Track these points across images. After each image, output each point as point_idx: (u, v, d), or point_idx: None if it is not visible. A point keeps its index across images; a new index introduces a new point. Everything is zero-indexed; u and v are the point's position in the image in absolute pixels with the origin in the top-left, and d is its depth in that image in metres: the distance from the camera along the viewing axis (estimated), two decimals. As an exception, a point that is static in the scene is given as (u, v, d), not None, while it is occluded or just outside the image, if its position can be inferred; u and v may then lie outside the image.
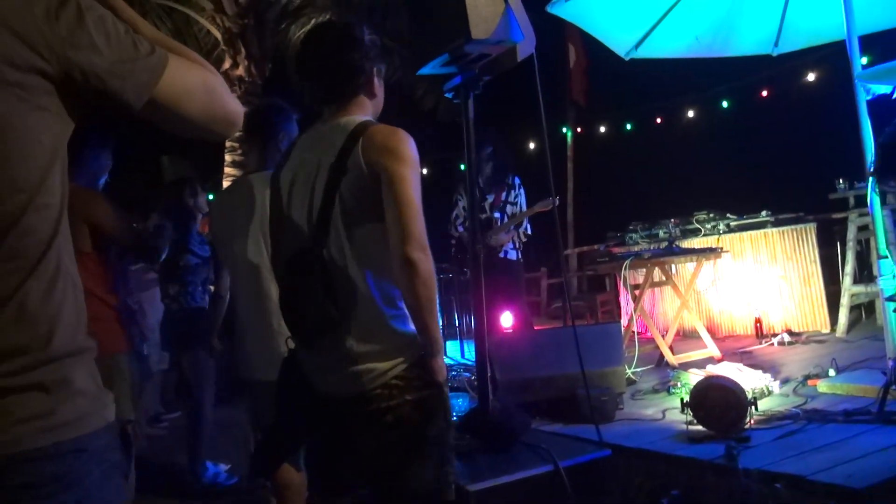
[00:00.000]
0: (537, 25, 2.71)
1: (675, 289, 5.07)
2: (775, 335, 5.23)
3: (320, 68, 1.74)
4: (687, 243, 5.85)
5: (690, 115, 10.76)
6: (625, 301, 6.23)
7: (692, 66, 5.33)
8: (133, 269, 4.26)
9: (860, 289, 5.12)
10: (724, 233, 5.91)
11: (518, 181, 5.05)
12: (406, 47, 7.31)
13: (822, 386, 3.52)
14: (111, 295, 3.01)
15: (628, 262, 4.75)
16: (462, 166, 3.42)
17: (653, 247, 5.73)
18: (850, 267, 5.12)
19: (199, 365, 3.92)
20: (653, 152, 11.05)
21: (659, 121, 11.25)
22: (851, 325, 5.24)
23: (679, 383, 3.73)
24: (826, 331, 5.39)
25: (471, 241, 2.99)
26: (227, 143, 7.51)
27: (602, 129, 11.58)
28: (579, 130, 10.75)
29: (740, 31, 4.81)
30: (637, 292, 4.98)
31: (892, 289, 3.25)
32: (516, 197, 5.01)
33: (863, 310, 5.70)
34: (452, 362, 5.84)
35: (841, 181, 5.43)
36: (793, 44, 4.91)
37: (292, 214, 1.73)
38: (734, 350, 4.96)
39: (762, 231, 5.77)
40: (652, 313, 6.03)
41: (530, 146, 10.98)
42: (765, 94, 10.00)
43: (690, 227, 6.11)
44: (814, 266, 5.54)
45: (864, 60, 3.97)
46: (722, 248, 5.27)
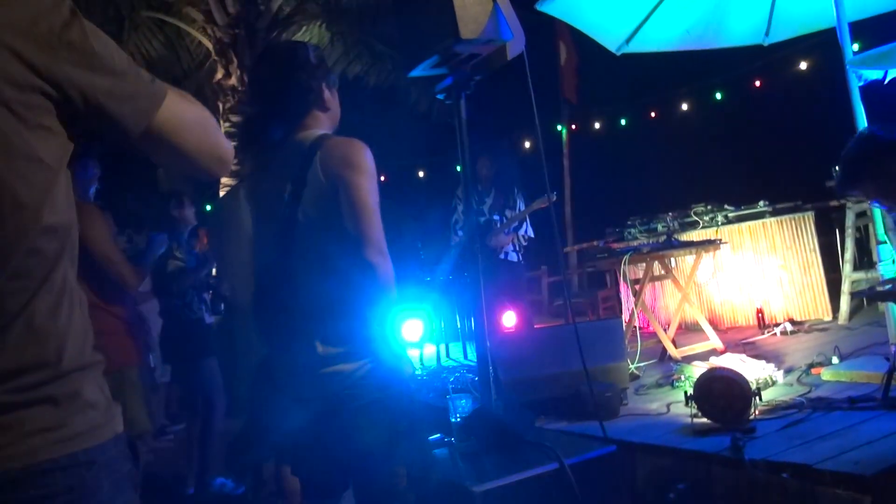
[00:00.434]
0: (527, 24, 2.70)
1: (676, 282, 5.06)
2: (777, 325, 5.21)
3: (271, 92, 1.85)
4: (686, 236, 5.84)
5: (684, 108, 10.77)
6: (625, 296, 6.21)
7: (684, 59, 5.33)
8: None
9: (860, 275, 5.10)
10: (723, 224, 5.90)
11: (516, 190, 5.05)
12: (397, 51, 7.33)
13: (825, 374, 3.51)
14: (118, 306, 3.01)
15: (627, 257, 4.74)
16: (458, 167, 3.41)
17: (652, 241, 5.72)
18: (849, 254, 5.11)
19: (209, 377, 3.94)
20: (648, 146, 11.05)
21: (653, 115, 11.27)
22: (853, 313, 5.23)
23: (683, 376, 3.71)
24: (828, 319, 5.38)
25: (468, 241, 2.98)
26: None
27: (597, 126, 11.60)
28: (574, 127, 10.75)
29: (730, 22, 4.81)
30: (637, 287, 4.96)
31: (891, 273, 3.24)
32: (514, 202, 5.01)
33: (865, 290, 5.68)
34: (455, 364, 5.83)
35: (837, 169, 5.40)
36: (784, 33, 4.90)
37: (261, 229, 1.83)
38: (737, 341, 4.95)
39: (760, 221, 5.76)
40: (653, 307, 6.02)
41: (525, 145, 10.98)
42: (758, 84, 10.01)
43: (689, 220, 6.10)
44: (813, 254, 5.53)
45: (856, 47, 3.97)
46: (721, 239, 5.26)
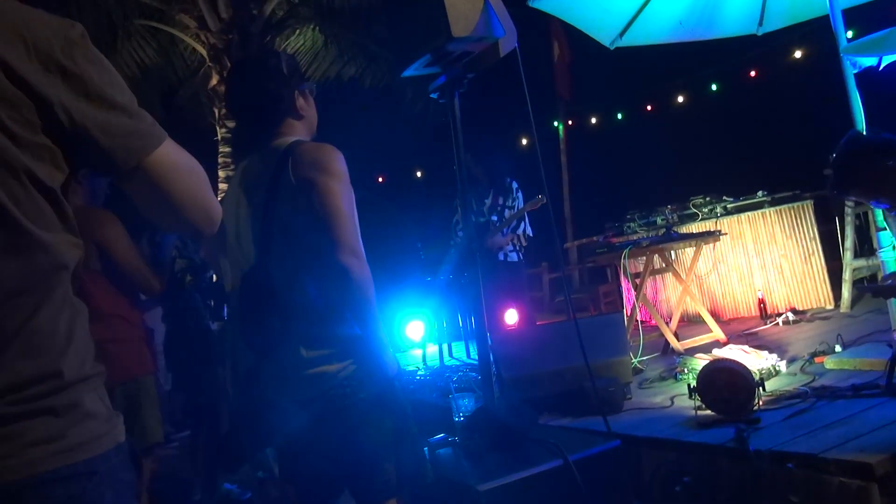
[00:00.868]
0: (519, 21, 2.69)
1: (676, 275, 5.05)
2: (780, 314, 5.21)
3: (244, 103, 1.90)
4: (685, 228, 5.84)
5: (680, 100, 10.77)
6: (626, 291, 6.21)
7: (678, 51, 5.33)
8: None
9: (861, 262, 5.09)
10: (722, 216, 5.89)
11: (516, 185, 5.03)
12: (391, 52, 7.32)
13: (829, 362, 3.50)
14: (135, 313, 2.97)
15: (627, 250, 4.73)
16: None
17: (651, 234, 5.72)
18: (849, 241, 5.09)
19: (214, 384, 3.93)
20: (645, 140, 11.05)
21: (649, 108, 11.27)
22: (855, 300, 5.22)
23: (686, 369, 3.71)
24: (830, 307, 5.37)
25: (467, 240, 2.97)
26: (220, 159, 7.51)
27: (593, 121, 11.60)
28: (570, 123, 10.75)
29: (723, 12, 4.80)
30: (638, 281, 4.95)
31: (892, 260, 3.23)
32: (514, 201, 4.99)
33: (866, 283, 5.67)
34: (458, 363, 5.83)
35: (835, 156, 5.39)
36: (777, 22, 4.89)
37: (240, 238, 1.85)
38: (739, 332, 4.94)
39: (760, 211, 5.76)
40: (654, 301, 6.01)
41: (522, 142, 10.98)
42: (753, 74, 10.01)
43: (688, 212, 6.09)
44: (813, 243, 5.52)
45: (850, 34, 3.95)
46: (720, 231, 5.25)
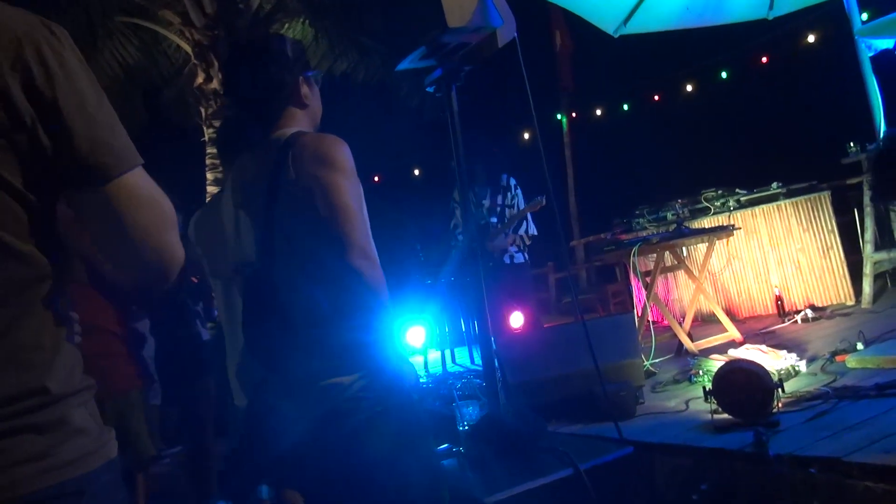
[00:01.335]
0: (519, 10, 2.70)
1: (689, 272, 5.05)
2: (798, 312, 5.19)
3: (243, 89, 1.81)
4: (697, 223, 5.83)
5: (689, 89, 10.77)
6: (637, 290, 6.21)
7: (685, 37, 5.32)
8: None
9: (883, 255, 5.09)
10: (735, 209, 5.89)
11: (514, 182, 5.01)
12: (385, 44, 7.31)
13: (850, 361, 3.49)
14: (120, 326, 3.00)
15: (636, 248, 4.72)
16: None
17: (661, 230, 5.71)
18: (869, 234, 5.09)
19: (206, 397, 3.93)
20: (653, 131, 11.05)
21: (656, 98, 11.27)
22: (877, 295, 5.21)
23: (701, 371, 3.70)
24: (850, 303, 5.36)
25: (467, 239, 2.97)
26: (208, 160, 7.51)
27: (598, 113, 11.60)
28: (574, 115, 10.75)
29: (732, -4, 4.81)
30: (648, 279, 4.95)
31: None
32: (513, 199, 4.97)
33: (888, 277, 5.66)
34: (462, 369, 5.82)
35: (852, 144, 5.39)
36: (788, 5, 4.90)
37: (240, 239, 1.79)
38: (756, 331, 4.93)
39: (774, 204, 5.75)
40: (666, 300, 6.01)
41: (524, 136, 10.98)
42: (764, 60, 10.00)
43: (699, 206, 6.08)
44: (832, 236, 5.51)
45: (864, 16, 3.96)
46: (734, 225, 5.24)
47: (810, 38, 9.15)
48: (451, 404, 3.84)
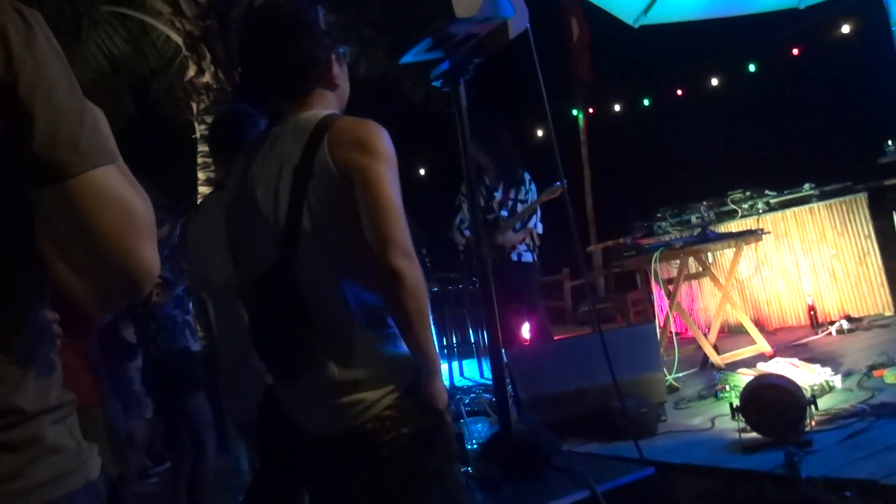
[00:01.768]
0: (533, 0, 2.70)
1: (715, 280, 5.03)
2: (832, 323, 5.18)
3: (266, 63, 1.68)
4: (723, 227, 5.82)
5: (714, 83, 10.74)
6: (659, 298, 6.19)
7: (710, 28, 5.32)
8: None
9: (924, 262, 5.07)
10: (764, 212, 5.88)
11: (528, 177, 5.02)
12: (387, 35, 7.33)
13: (889, 376, 3.48)
14: (80, 341, 3.01)
15: (658, 253, 4.72)
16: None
17: (685, 234, 5.71)
18: (909, 238, 5.07)
19: (197, 412, 3.95)
20: (676, 128, 11.03)
21: (679, 93, 11.25)
22: (918, 305, 5.19)
23: (727, 386, 3.69)
24: (889, 313, 5.34)
25: (475, 241, 2.97)
26: (200, 159, 7.54)
27: (617, 108, 11.58)
28: (591, 111, 10.74)
29: (761, -17, 4.81)
30: (671, 287, 4.94)
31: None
32: (527, 193, 4.98)
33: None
34: (470, 383, 5.82)
35: (890, 143, 5.38)
36: (822, -7, 4.89)
37: (254, 230, 1.69)
38: (787, 343, 4.93)
39: (807, 207, 5.74)
40: (691, 310, 5.99)
41: (538, 133, 10.97)
42: (795, 52, 9.98)
43: (725, 208, 6.08)
44: (868, 241, 5.49)
45: (904, 4, 3.95)
46: (763, 229, 5.23)
47: (845, 29, 9.14)
48: (458, 421, 3.84)
